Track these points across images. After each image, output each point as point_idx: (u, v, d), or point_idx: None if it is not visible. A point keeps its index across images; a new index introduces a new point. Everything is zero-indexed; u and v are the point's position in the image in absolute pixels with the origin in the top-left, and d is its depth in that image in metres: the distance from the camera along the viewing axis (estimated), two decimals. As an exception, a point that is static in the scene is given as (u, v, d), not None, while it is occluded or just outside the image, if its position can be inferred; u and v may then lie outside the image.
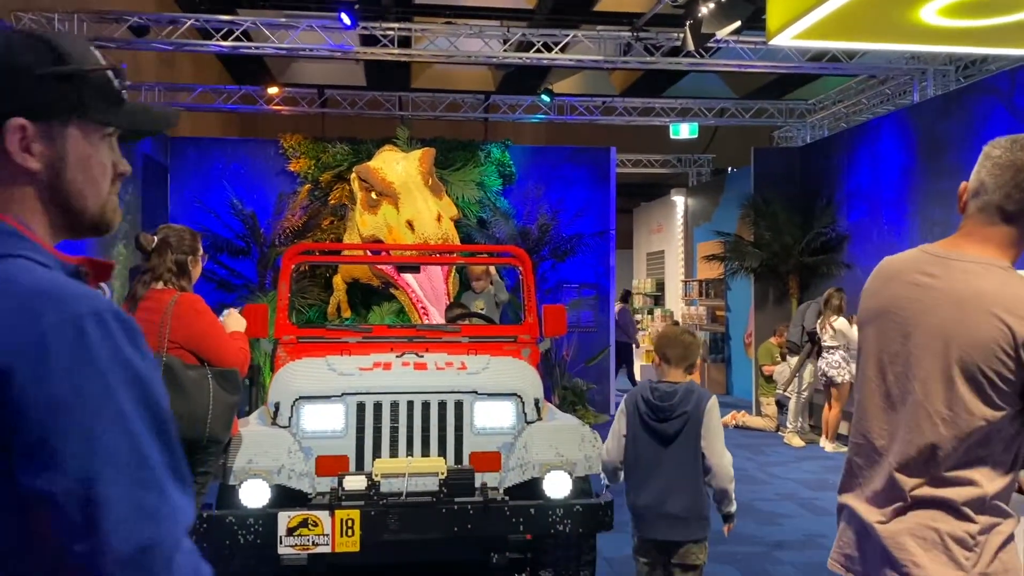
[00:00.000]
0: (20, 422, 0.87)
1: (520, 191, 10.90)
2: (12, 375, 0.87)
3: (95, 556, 0.86)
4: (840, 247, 10.52)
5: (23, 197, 1.03)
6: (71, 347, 0.90)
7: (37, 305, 0.91)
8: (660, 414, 3.19)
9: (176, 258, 3.60)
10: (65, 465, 0.86)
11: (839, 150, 10.77)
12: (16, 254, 0.97)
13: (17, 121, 1.01)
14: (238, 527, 3.59)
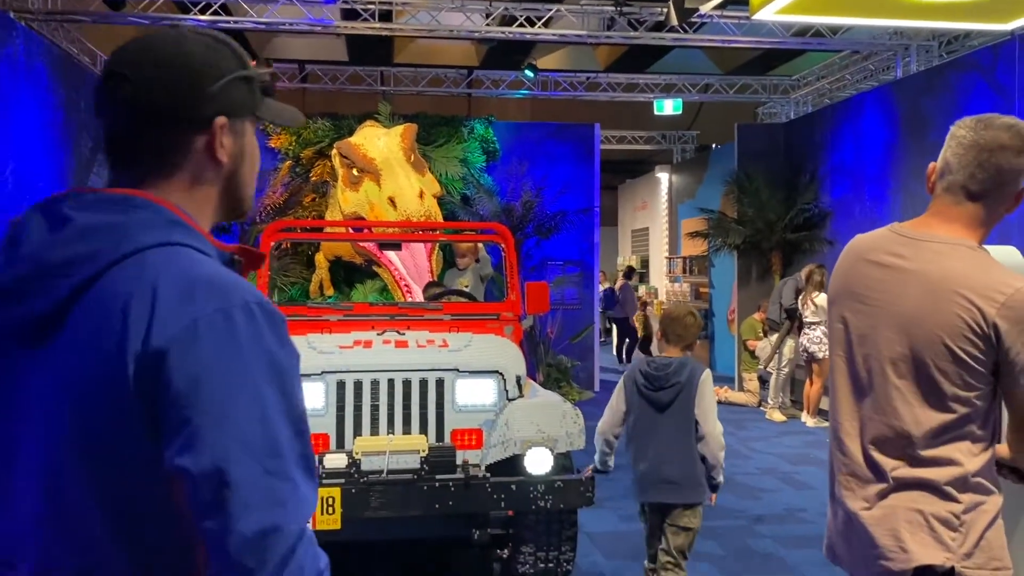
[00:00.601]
0: (169, 401, 0.93)
1: (504, 168, 10.84)
2: (166, 357, 0.93)
3: (222, 534, 0.91)
4: (823, 223, 10.55)
5: (199, 188, 1.11)
6: (219, 335, 0.95)
7: (195, 293, 0.97)
8: (655, 383, 3.41)
9: None
10: (203, 447, 0.92)
11: (822, 126, 10.77)
12: (179, 243, 1.02)
13: (221, 120, 1.10)
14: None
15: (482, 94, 11.90)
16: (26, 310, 1.00)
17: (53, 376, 0.98)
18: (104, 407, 0.95)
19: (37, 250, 1.01)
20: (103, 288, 0.98)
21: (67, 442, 0.96)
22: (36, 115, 7.31)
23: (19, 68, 6.98)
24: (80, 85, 8.43)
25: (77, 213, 1.03)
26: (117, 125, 1.09)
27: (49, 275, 0.99)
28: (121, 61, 1.09)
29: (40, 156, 7.39)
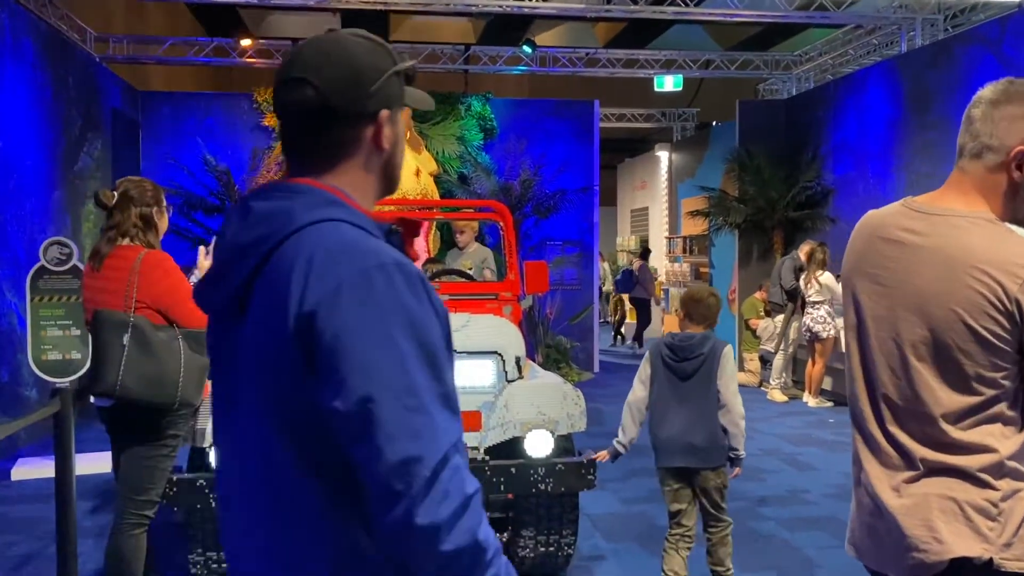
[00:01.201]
0: (319, 354, 1.09)
1: (502, 146, 10.69)
2: (316, 316, 1.09)
3: (371, 463, 1.07)
4: (825, 201, 10.42)
5: (366, 173, 1.27)
6: (359, 294, 1.10)
7: (339, 258, 1.12)
8: (680, 354, 3.57)
9: (140, 211, 3.41)
10: (350, 389, 1.07)
11: (825, 102, 10.61)
12: (334, 219, 1.17)
13: (384, 113, 1.26)
14: (209, 490, 3.48)
15: (479, 70, 11.71)
16: (229, 287, 1.20)
17: (247, 341, 1.18)
18: (278, 361, 1.13)
19: (232, 237, 1.21)
20: (274, 263, 1.16)
21: (261, 391, 1.16)
22: (23, 92, 7.15)
23: (5, 44, 6.82)
24: (69, 62, 8.26)
25: (256, 202, 1.21)
26: (297, 124, 1.25)
27: (240, 257, 1.18)
28: (300, 67, 1.23)
29: (28, 134, 7.23)
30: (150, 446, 3.32)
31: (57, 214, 7.74)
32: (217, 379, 1.30)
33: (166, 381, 3.23)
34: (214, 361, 1.30)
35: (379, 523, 1.08)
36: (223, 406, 1.27)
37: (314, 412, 1.11)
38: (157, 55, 10.85)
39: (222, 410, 1.27)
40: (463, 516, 1.07)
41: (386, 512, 1.07)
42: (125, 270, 3.29)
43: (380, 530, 1.09)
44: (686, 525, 3.61)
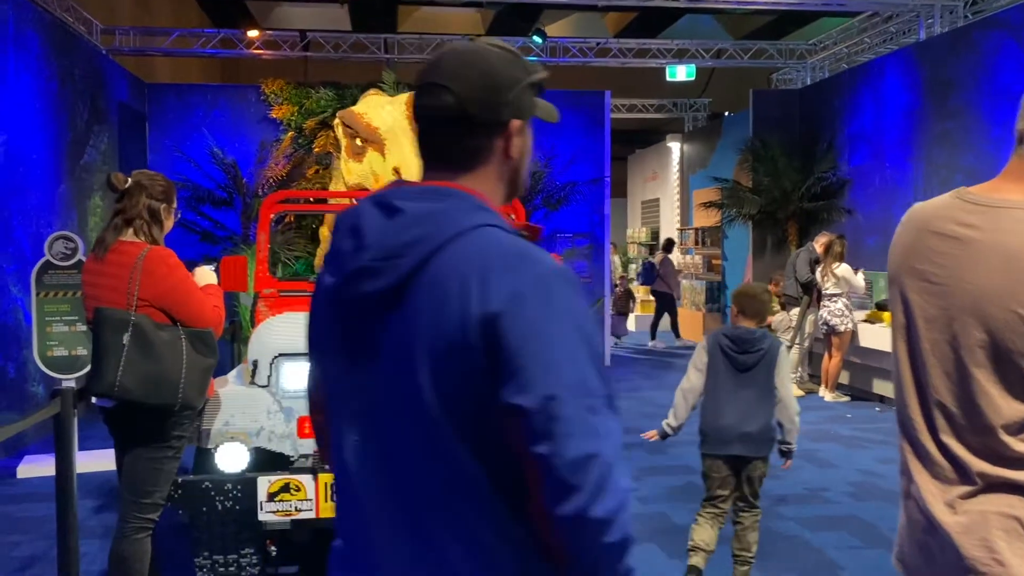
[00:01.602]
0: (504, 353, 1.13)
1: (512, 137, 10.56)
2: (500, 318, 1.14)
3: (551, 458, 1.11)
4: (841, 192, 10.26)
5: (497, 179, 1.31)
6: (540, 298, 1.16)
7: (516, 264, 1.17)
8: (742, 346, 3.68)
9: (150, 204, 3.30)
10: (534, 388, 1.12)
11: (840, 92, 10.43)
12: (488, 224, 1.22)
13: (517, 122, 1.30)
14: (215, 493, 3.38)
15: (489, 62, 11.55)
16: (381, 284, 1.22)
17: (402, 334, 1.21)
18: (451, 357, 1.16)
19: (380, 236, 1.23)
20: (438, 264, 1.19)
21: (421, 382, 1.18)
22: (29, 85, 7.06)
23: (8, 36, 6.72)
24: (75, 54, 8.17)
25: (407, 203, 1.23)
26: (435, 128, 1.30)
27: (394, 256, 1.21)
28: (442, 74, 1.27)
29: (34, 128, 7.14)
30: (153, 448, 3.22)
31: (63, 208, 7.65)
32: (335, 368, 1.31)
33: (167, 382, 3.13)
34: (326, 351, 1.33)
35: (553, 515, 1.14)
36: (348, 394, 1.29)
37: (488, 407, 1.16)
38: (164, 47, 10.73)
39: (346, 397, 1.29)
40: (624, 511, 1.15)
41: (562, 505, 1.13)
42: (127, 267, 3.18)
43: (554, 521, 1.14)
44: (722, 508, 3.75)
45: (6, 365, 6.50)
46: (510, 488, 1.18)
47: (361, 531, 1.28)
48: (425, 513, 1.21)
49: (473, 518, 1.19)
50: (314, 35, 11.05)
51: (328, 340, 1.31)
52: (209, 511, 3.41)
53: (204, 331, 3.28)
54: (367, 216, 1.25)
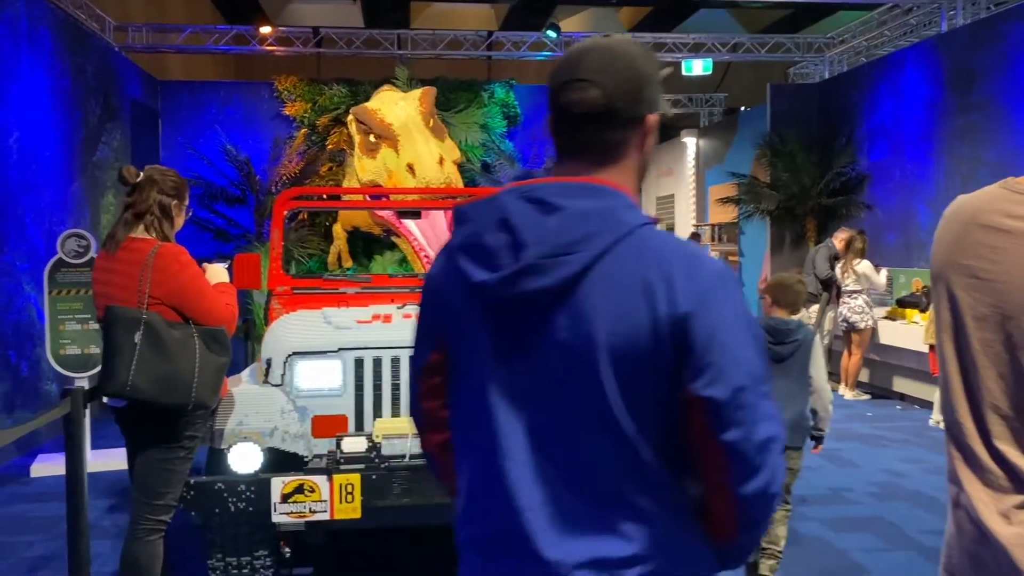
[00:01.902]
0: (694, 350, 1.21)
1: (526, 133, 10.47)
2: (689, 319, 1.21)
3: (741, 443, 1.21)
4: (860, 187, 10.11)
5: (632, 173, 1.35)
6: (721, 296, 1.24)
7: (696, 266, 1.24)
8: (778, 337, 3.73)
9: (161, 199, 3.24)
10: (725, 381, 1.20)
11: (860, 85, 10.28)
12: (646, 223, 1.27)
13: (653, 117, 1.33)
14: (228, 494, 3.31)
15: (502, 56, 11.46)
16: (547, 282, 1.24)
17: (575, 330, 1.24)
18: (637, 353, 1.23)
19: (541, 233, 1.25)
20: (610, 263, 1.24)
21: (602, 375, 1.24)
22: (40, 82, 7.03)
23: (21, 33, 6.69)
24: (87, 51, 8.14)
25: (565, 200, 1.26)
26: (580, 123, 1.31)
27: (562, 253, 1.23)
28: (586, 68, 1.30)
29: (46, 124, 7.11)
30: (166, 448, 3.15)
31: (76, 206, 7.62)
32: (480, 359, 1.32)
33: (179, 382, 3.06)
34: (467, 342, 1.34)
35: (738, 492, 1.24)
36: (502, 384, 1.31)
37: (665, 397, 1.25)
38: (176, 43, 10.70)
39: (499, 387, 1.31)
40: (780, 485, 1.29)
41: (749, 483, 1.24)
42: (138, 264, 3.12)
43: (737, 498, 1.25)
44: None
45: (20, 363, 6.47)
46: (678, 471, 1.29)
47: (511, 514, 1.28)
48: (596, 494, 1.26)
49: (646, 501, 1.27)
50: (327, 31, 10.99)
51: (472, 332, 1.32)
52: (222, 513, 3.34)
53: (217, 329, 3.21)
54: (518, 212, 1.27)
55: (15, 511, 5.15)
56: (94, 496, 5.36)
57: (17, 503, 5.30)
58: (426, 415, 1.49)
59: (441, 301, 1.37)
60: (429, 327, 1.41)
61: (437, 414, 1.45)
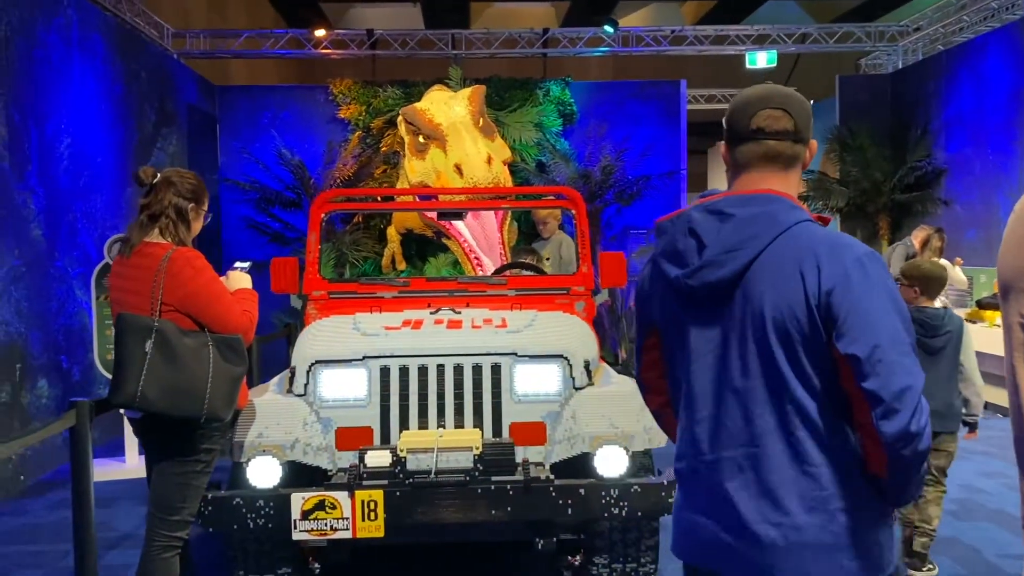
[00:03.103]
0: (837, 317, 1.55)
1: (582, 131, 10.20)
2: (833, 293, 1.56)
3: (879, 391, 1.52)
4: (937, 182, 9.55)
5: (797, 179, 1.76)
6: (860, 275, 1.57)
7: (838, 251, 1.59)
8: (931, 331, 3.81)
9: (177, 202, 3.11)
10: (864, 340, 1.53)
11: (936, 74, 9.72)
12: (804, 220, 1.65)
13: (814, 142, 1.78)
14: (246, 510, 3.16)
15: (558, 54, 11.22)
16: (724, 272, 1.63)
17: (747, 306, 1.63)
18: (795, 321, 1.58)
19: (717, 236, 1.64)
20: (771, 255, 1.61)
21: (770, 340, 1.61)
22: (93, 88, 7.09)
23: (72, 40, 6.74)
24: (142, 57, 8.20)
25: (736, 209, 1.65)
26: (776, 141, 1.70)
27: (733, 250, 1.62)
28: (776, 101, 1.71)
29: (98, 131, 7.17)
30: (181, 461, 3.02)
31: (129, 211, 7.67)
32: (681, 334, 1.75)
33: (192, 392, 2.92)
34: (672, 322, 1.77)
35: (882, 432, 1.52)
36: (700, 350, 1.72)
37: (825, 355, 1.58)
38: (233, 48, 10.77)
39: (697, 353, 1.72)
40: (929, 427, 1.54)
41: (891, 424, 1.52)
42: (151, 269, 2.99)
43: (883, 437, 1.53)
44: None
45: (71, 368, 6.52)
46: (839, 418, 1.61)
47: (701, 455, 1.71)
48: (768, 439, 1.62)
49: (812, 445, 1.60)
50: (381, 33, 10.92)
51: (675, 315, 1.75)
52: (240, 529, 3.19)
53: (233, 337, 3.06)
54: (701, 222, 1.68)
55: (57, 518, 5.14)
56: (138, 503, 5.33)
57: (63, 509, 5.29)
58: (647, 383, 1.96)
59: (650, 297, 1.83)
60: (643, 317, 1.88)
61: (655, 382, 1.93)
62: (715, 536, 1.67)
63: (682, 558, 1.79)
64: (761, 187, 1.68)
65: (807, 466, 1.59)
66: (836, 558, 1.58)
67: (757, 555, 1.61)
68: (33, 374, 5.96)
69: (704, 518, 1.69)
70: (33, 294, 6.00)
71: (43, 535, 4.82)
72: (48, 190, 6.27)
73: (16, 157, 5.84)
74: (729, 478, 1.65)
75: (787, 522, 1.59)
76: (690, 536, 1.74)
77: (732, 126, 1.72)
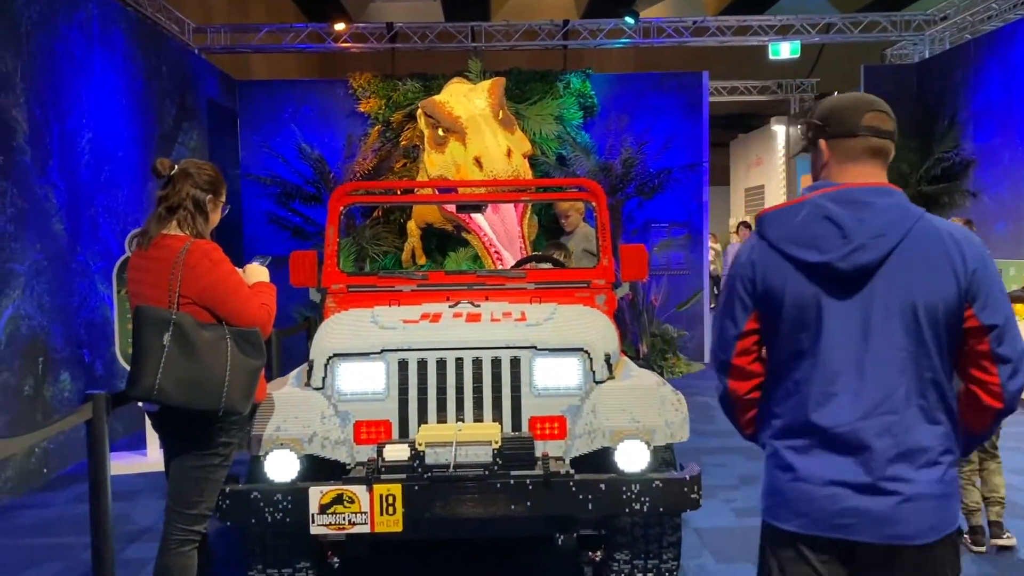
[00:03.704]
0: (979, 292, 1.84)
1: (602, 123, 10.12)
2: (976, 271, 1.84)
3: (1011, 352, 1.84)
4: (965, 173, 9.38)
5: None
6: (988, 258, 1.87)
7: (970, 238, 1.88)
8: None
9: (194, 193, 3.09)
10: (999, 312, 1.84)
11: (964, 63, 9.55)
12: (924, 212, 1.90)
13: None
14: (264, 504, 3.14)
15: (579, 45, 11.13)
16: (872, 255, 1.82)
17: (894, 283, 1.83)
18: (939, 297, 1.83)
19: (859, 224, 1.83)
20: (915, 238, 1.83)
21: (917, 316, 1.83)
22: (113, 83, 7.11)
23: (92, 35, 6.76)
24: (163, 52, 8.22)
25: (872, 199, 1.85)
26: (886, 141, 1.94)
27: (879, 235, 1.82)
28: (880, 105, 1.96)
29: (119, 125, 7.20)
30: (199, 455, 3.01)
31: (150, 205, 7.68)
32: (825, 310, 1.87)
33: (209, 385, 2.90)
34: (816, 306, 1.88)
35: (1008, 388, 1.84)
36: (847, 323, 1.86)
37: (958, 327, 1.85)
38: (253, 43, 10.79)
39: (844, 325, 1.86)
40: None
41: (1015, 382, 1.84)
42: (169, 261, 2.98)
43: (1007, 392, 1.85)
44: (972, 463, 4.19)
45: (94, 362, 6.55)
46: (949, 378, 1.87)
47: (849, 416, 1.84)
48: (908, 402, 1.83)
49: (940, 407, 1.85)
50: (401, 26, 10.89)
51: (806, 296, 1.87)
52: (258, 523, 3.17)
53: (250, 331, 3.04)
54: (835, 209, 1.85)
55: (80, 511, 5.12)
56: (159, 496, 5.34)
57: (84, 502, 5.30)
58: (740, 368, 2.00)
59: (764, 280, 1.92)
60: (746, 303, 1.95)
61: (748, 368, 2.00)
62: (847, 501, 1.81)
63: (802, 530, 1.86)
64: (871, 180, 1.90)
65: (935, 426, 1.83)
66: (949, 506, 1.83)
67: (892, 513, 1.79)
68: (55, 367, 5.99)
69: (835, 487, 1.82)
70: (55, 288, 6.03)
71: (65, 528, 4.85)
72: (69, 184, 6.29)
73: (37, 151, 5.87)
74: (868, 444, 1.80)
75: (919, 478, 1.80)
76: (813, 505, 1.84)
77: (837, 123, 1.92)
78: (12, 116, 5.57)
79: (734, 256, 2.05)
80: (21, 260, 5.62)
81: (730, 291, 1.98)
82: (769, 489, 1.95)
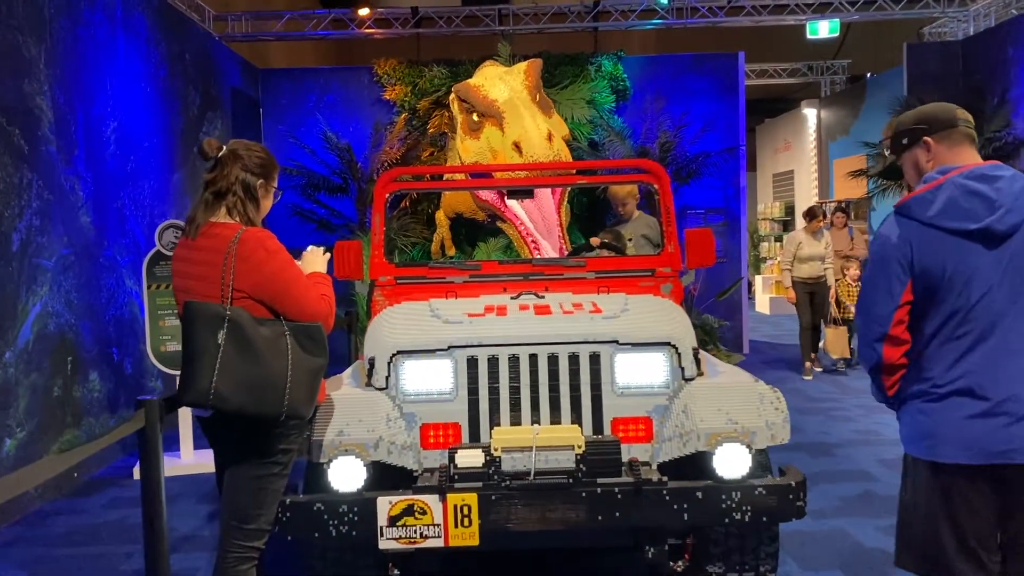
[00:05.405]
0: None
1: (636, 107, 9.80)
2: None
3: None
4: (1017, 154, 9.02)
5: None
6: None
7: None
8: None
9: (244, 177, 2.80)
10: None
11: (1015, 40, 9.17)
12: None
13: None
14: (328, 516, 2.88)
15: (609, 27, 10.79)
16: (1019, 216, 2.17)
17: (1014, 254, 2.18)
18: None
19: (999, 194, 2.17)
20: None
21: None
22: (138, 71, 6.84)
23: (116, 21, 6.49)
24: (186, 40, 7.96)
25: (999, 172, 2.21)
26: (973, 132, 2.35)
27: (1018, 199, 2.17)
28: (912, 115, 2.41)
29: (144, 114, 6.93)
30: (257, 464, 2.74)
31: (177, 197, 7.44)
32: (977, 266, 2.19)
33: (270, 387, 2.63)
34: (979, 267, 2.19)
35: None
36: (997, 276, 2.18)
37: None
38: (275, 31, 10.51)
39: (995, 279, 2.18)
40: None
41: None
42: (220, 252, 2.69)
43: None
44: None
45: (123, 360, 6.31)
46: None
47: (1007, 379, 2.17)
48: None
49: None
50: (425, 10, 10.59)
51: (962, 261, 2.18)
52: (322, 537, 2.91)
53: (312, 326, 2.76)
54: (977, 185, 2.18)
55: (116, 516, 4.92)
56: (196, 500, 5.10)
57: (120, 507, 5.08)
58: (894, 339, 2.27)
59: (921, 253, 2.20)
60: (902, 277, 2.23)
61: (901, 336, 2.26)
62: (1007, 430, 2.14)
63: (972, 461, 2.17)
64: (979, 160, 2.28)
65: None
66: None
67: None
68: (84, 367, 5.75)
69: (1003, 416, 2.15)
70: (83, 284, 5.78)
71: (103, 536, 4.60)
72: (96, 175, 6.04)
73: (63, 141, 5.61)
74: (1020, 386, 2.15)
75: None
76: (981, 439, 2.16)
77: (939, 121, 2.32)
78: (36, 104, 5.30)
79: (883, 238, 2.31)
80: (48, 255, 5.37)
81: (885, 269, 2.26)
82: (925, 431, 2.25)
